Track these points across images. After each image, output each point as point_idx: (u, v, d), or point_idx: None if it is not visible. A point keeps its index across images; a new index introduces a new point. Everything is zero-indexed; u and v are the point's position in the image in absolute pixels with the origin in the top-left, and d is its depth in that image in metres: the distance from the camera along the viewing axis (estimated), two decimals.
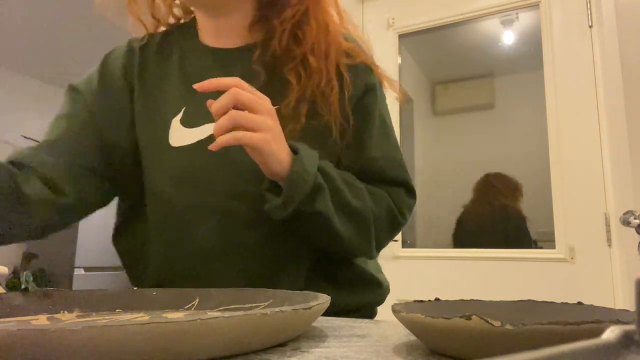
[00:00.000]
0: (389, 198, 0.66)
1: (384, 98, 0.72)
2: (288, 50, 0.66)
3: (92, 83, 0.70)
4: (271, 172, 0.54)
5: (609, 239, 1.50)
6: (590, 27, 1.62)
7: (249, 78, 0.63)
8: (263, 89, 0.57)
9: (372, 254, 0.65)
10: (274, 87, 0.63)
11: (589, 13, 1.62)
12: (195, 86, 0.51)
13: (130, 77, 0.69)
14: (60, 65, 3.93)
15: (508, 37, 2.01)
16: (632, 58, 1.49)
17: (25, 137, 3.97)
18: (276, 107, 0.58)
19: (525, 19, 1.88)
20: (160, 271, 0.63)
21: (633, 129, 1.46)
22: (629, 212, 1.35)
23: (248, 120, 0.51)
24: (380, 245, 0.66)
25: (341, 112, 0.64)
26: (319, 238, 0.61)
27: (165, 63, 0.69)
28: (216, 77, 0.56)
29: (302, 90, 0.63)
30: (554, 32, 1.67)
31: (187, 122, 0.64)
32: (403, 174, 0.69)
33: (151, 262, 0.65)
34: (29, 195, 0.56)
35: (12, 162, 0.59)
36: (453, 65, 2.33)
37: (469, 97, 2.26)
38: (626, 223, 1.35)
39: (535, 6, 1.74)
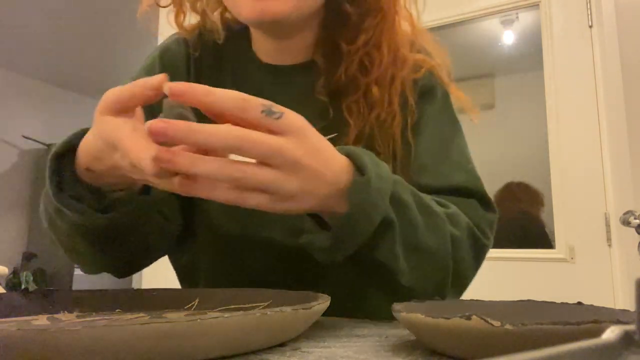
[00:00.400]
0: (464, 216, 0.52)
1: (445, 103, 0.64)
2: (354, 79, 0.59)
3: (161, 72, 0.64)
4: (325, 214, 0.42)
5: (609, 239, 1.50)
6: (590, 27, 1.62)
7: (307, 98, 0.58)
8: (325, 126, 0.49)
9: (444, 295, 0.51)
10: (331, 122, 0.56)
11: (589, 13, 1.62)
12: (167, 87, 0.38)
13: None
14: (60, 65, 3.93)
15: (508, 37, 2.01)
16: (632, 58, 1.49)
17: (25, 137, 3.97)
18: (331, 136, 0.45)
19: (525, 19, 1.88)
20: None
21: (633, 129, 1.46)
22: (629, 212, 1.35)
23: (255, 183, 0.35)
24: (464, 282, 0.53)
25: (402, 140, 0.58)
26: (375, 282, 0.50)
27: (218, 78, 0.64)
28: (272, 95, 0.45)
29: (361, 126, 0.57)
30: (554, 32, 1.67)
31: None
32: (474, 181, 0.58)
33: (202, 279, 0.62)
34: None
35: None
36: (453, 65, 2.33)
37: (469, 97, 2.26)
38: (626, 223, 1.35)
39: (535, 6, 1.74)
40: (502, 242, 1.75)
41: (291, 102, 0.58)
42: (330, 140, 0.41)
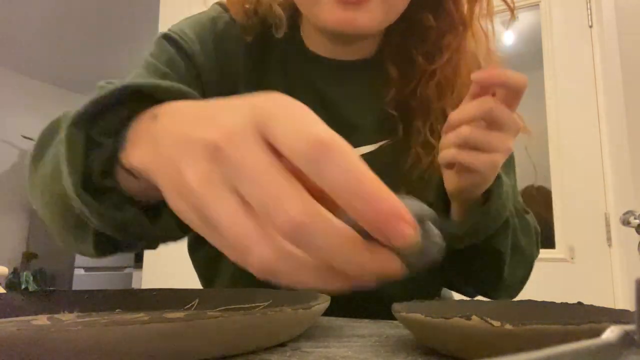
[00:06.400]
0: (533, 227, 0.57)
1: None
2: (426, 100, 0.55)
3: (209, 55, 0.57)
4: (465, 196, 0.45)
5: (609, 239, 1.50)
6: (590, 27, 1.62)
7: (363, 98, 0.55)
8: (396, 142, 0.49)
9: (517, 293, 0.57)
10: (401, 139, 0.54)
11: (589, 13, 1.62)
12: (474, 77, 0.41)
13: (236, 76, 0.58)
14: (61, 66, 3.93)
15: (508, 37, 2.01)
16: (632, 58, 1.49)
17: (25, 137, 3.97)
18: (384, 142, 0.48)
19: (525, 19, 1.87)
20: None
21: (633, 129, 1.46)
22: (629, 212, 1.35)
23: (491, 144, 0.41)
24: (521, 288, 0.58)
25: None
26: (476, 277, 0.53)
27: (267, 67, 0.60)
28: (325, 89, 0.48)
29: (432, 157, 0.54)
30: (554, 32, 1.67)
31: None
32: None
33: (224, 272, 0.61)
34: None
35: None
36: None
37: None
38: (626, 223, 1.34)
39: (535, 6, 1.74)
40: None
41: (346, 99, 0.55)
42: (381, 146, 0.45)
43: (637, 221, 1.32)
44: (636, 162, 1.44)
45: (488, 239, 0.48)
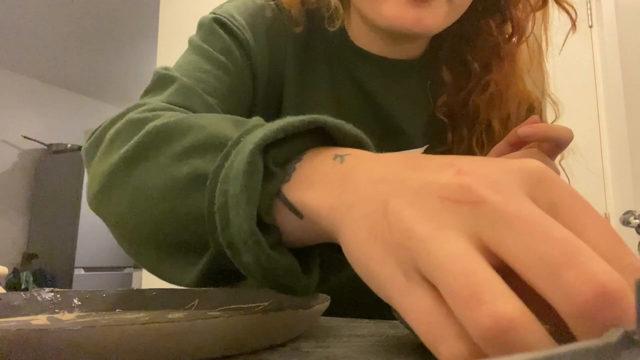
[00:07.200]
0: None
1: None
2: (477, 109, 0.53)
3: (263, 49, 0.53)
4: None
5: None
6: (590, 27, 1.62)
7: (416, 103, 0.53)
8: (444, 151, 0.47)
9: None
10: (440, 152, 0.52)
11: (589, 13, 1.62)
12: (521, 131, 0.40)
13: (283, 67, 0.55)
14: (60, 65, 3.93)
15: None
16: (632, 58, 1.49)
17: (25, 137, 3.97)
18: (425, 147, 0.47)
19: None
20: None
21: (633, 129, 1.46)
22: (629, 212, 1.35)
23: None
24: None
25: None
26: None
27: (312, 60, 0.56)
28: (375, 87, 0.46)
29: None
30: (554, 32, 1.67)
31: None
32: None
33: None
34: None
35: None
36: None
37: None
38: (626, 223, 1.35)
39: None
40: None
41: (393, 99, 0.53)
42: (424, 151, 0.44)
43: (637, 221, 1.32)
44: (636, 162, 1.44)
45: None
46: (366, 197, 0.21)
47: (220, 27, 0.52)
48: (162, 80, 0.48)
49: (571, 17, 0.55)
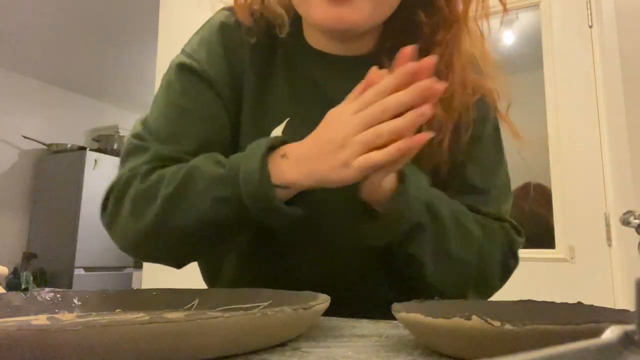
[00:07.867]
0: (502, 236, 0.58)
1: (497, 129, 0.64)
2: None
3: (221, 69, 0.59)
4: (373, 199, 0.49)
5: (609, 239, 1.50)
6: (590, 27, 1.62)
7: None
8: None
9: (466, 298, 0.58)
10: None
11: (589, 13, 1.62)
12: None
13: (242, 76, 0.60)
14: (60, 65, 3.93)
15: (508, 37, 2.01)
16: (632, 58, 1.49)
17: (25, 137, 3.97)
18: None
19: (525, 19, 1.87)
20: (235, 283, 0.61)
21: (633, 129, 1.46)
22: (629, 212, 1.35)
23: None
24: (489, 292, 0.60)
25: (450, 160, 0.57)
26: (407, 274, 0.56)
27: (271, 66, 0.61)
28: (328, 85, 0.52)
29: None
30: (554, 32, 1.67)
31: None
32: (508, 207, 0.62)
33: (225, 272, 0.62)
34: None
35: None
36: None
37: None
38: (626, 223, 1.34)
39: (535, 6, 1.74)
40: None
41: (345, 93, 0.56)
42: None
43: (637, 221, 1.32)
44: (636, 162, 1.44)
45: (401, 242, 0.51)
46: (319, 151, 0.47)
47: (188, 73, 0.59)
48: (136, 149, 0.56)
49: (502, 2, 0.60)
